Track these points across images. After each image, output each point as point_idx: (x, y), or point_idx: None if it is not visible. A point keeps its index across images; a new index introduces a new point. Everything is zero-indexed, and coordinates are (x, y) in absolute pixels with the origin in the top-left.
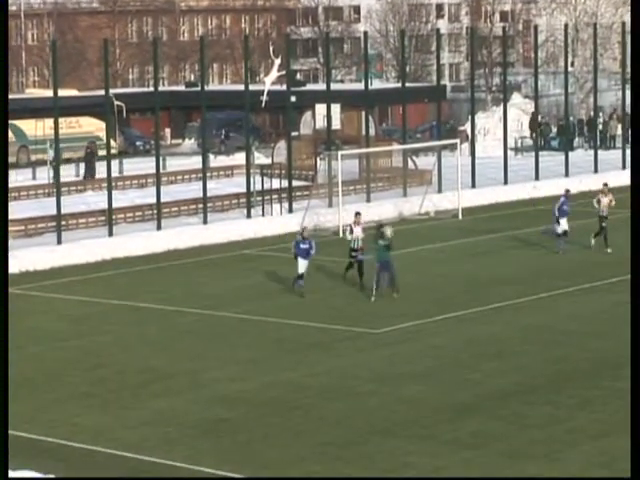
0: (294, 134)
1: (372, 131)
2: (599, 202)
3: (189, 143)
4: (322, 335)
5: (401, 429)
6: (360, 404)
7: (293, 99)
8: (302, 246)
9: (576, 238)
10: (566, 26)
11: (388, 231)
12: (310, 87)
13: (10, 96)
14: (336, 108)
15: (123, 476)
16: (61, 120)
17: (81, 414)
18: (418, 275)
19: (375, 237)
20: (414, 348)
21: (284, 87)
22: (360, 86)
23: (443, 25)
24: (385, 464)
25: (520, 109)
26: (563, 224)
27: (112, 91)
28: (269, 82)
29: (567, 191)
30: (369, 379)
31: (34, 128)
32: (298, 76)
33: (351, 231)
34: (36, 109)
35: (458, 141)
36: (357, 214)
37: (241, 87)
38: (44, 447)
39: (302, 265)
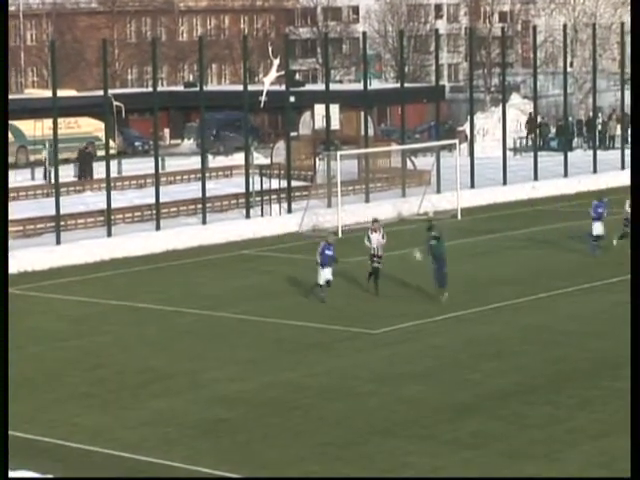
0: (293, 134)
1: (371, 131)
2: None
3: (188, 143)
4: (321, 335)
5: (401, 429)
6: (360, 404)
7: (292, 99)
8: (327, 252)
9: (575, 238)
10: (565, 26)
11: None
12: (309, 87)
13: (9, 96)
14: (335, 108)
15: (122, 476)
16: (60, 120)
17: (81, 414)
18: (417, 275)
19: (427, 235)
20: (414, 348)
21: (283, 87)
22: (359, 86)
23: (442, 25)
24: (385, 464)
25: (519, 109)
26: (597, 227)
27: (111, 91)
28: (268, 82)
29: (601, 193)
30: (369, 379)
31: (33, 128)
32: (297, 76)
33: (369, 238)
34: (35, 109)
35: (457, 141)
36: (374, 221)
37: (240, 87)
38: (43, 447)
39: (327, 273)
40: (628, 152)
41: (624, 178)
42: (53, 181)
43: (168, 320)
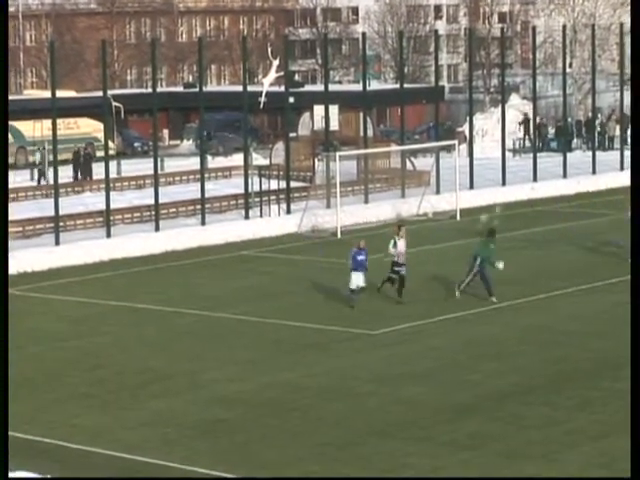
0: (292, 135)
1: (370, 132)
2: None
3: (187, 144)
4: (320, 336)
5: (399, 430)
6: (359, 405)
7: (291, 100)
8: (359, 257)
9: (574, 239)
10: (564, 27)
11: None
12: (308, 88)
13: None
14: (334, 109)
15: (120, 476)
16: (59, 121)
17: (80, 415)
18: (416, 276)
19: (486, 240)
20: (413, 349)
21: (282, 88)
22: (358, 87)
23: (441, 26)
24: (383, 465)
25: (518, 110)
26: None
27: (110, 92)
28: (267, 83)
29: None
30: (368, 380)
31: (32, 129)
32: (296, 77)
33: (395, 244)
34: (34, 110)
35: (456, 142)
36: (400, 226)
37: (239, 88)
38: (42, 448)
39: (357, 278)
40: (627, 153)
41: (623, 179)
42: (43, 183)
43: (167, 321)
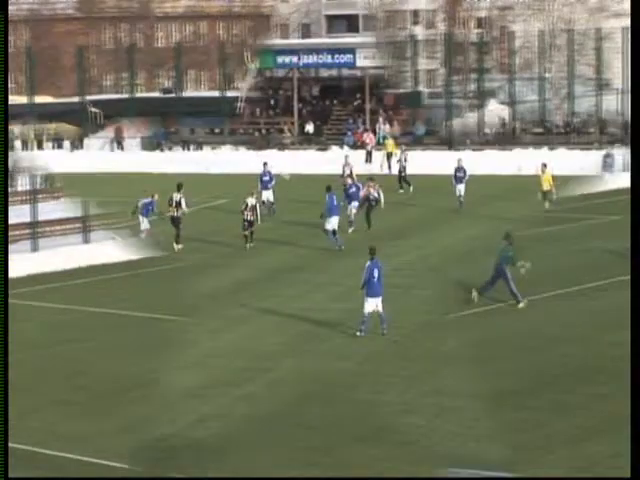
0: None
1: None
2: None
3: None
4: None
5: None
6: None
7: None
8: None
9: (567, 243)
10: (542, 32)
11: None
12: None
13: None
14: None
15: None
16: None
17: (60, 421)
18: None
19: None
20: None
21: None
22: None
23: (419, 31)
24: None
25: (497, 115)
26: None
27: (87, 98)
28: (245, 88)
29: None
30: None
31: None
32: None
33: None
34: (11, 115)
35: None
36: None
37: (217, 93)
38: (20, 455)
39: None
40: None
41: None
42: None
43: (147, 327)
